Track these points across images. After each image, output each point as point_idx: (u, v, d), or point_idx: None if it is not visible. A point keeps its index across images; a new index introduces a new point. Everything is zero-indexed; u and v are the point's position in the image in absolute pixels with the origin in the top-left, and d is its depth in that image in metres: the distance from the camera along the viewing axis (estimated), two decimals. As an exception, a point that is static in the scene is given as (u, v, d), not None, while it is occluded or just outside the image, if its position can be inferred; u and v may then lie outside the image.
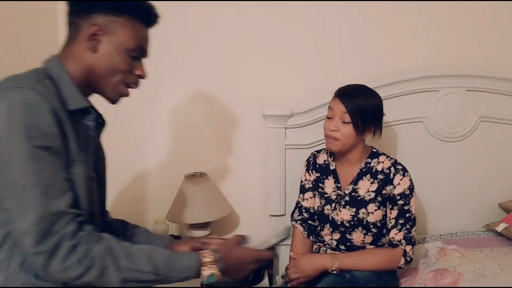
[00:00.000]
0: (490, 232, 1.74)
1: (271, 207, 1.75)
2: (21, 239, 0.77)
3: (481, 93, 1.73)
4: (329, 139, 1.33)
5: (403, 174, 1.33)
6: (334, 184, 1.41)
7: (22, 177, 0.76)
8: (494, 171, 1.78)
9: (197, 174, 1.69)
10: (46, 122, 0.78)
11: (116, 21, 0.90)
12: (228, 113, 1.76)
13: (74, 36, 0.91)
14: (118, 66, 0.92)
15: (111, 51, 0.90)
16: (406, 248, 1.32)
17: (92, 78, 0.92)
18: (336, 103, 1.32)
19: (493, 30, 1.77)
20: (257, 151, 1.78)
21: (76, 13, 0.91)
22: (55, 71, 0.89)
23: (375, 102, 1.33)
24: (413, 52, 1.76)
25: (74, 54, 0.90)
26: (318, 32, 1.72)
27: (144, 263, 0.84)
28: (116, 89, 0.94)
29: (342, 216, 1.37)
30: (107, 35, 0.90)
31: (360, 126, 1.29)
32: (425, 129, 1.74)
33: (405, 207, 1.33)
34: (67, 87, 0.88)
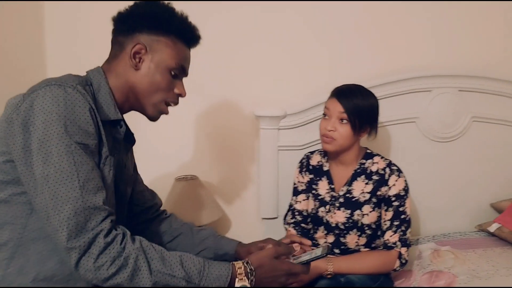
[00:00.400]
0: (483, 232, 1.74)
1: (263, 210, 1.72)
2: (55, 234, 0.75)
3: (474, 93, 1.73)
4: (325, 139, 1.31)
5: (398, 175, 1.32)
6: (328, 186, 1.39)
7: (59, 170, 0.76)
8: (486, 171, 1.79)
9: (187, 176, 1.66)
10: (85, 120, 0.80)
11: (159, 40, 0.93)
12: (220, 114, 1.73)
13: (117, 54, 0.93)
14: (159, 84, 0.94)
15: (153, 69, 0.92)
16: (401, 250, 1.31)
17: (133, 96, 0.94)
18: (333, 103, 1.30)
19: (486, 31, 1.78)
20: (249, 153, 1.75)
21: (121, 32, 0.94)
22: (96, 81, 0.91)
23: (372, 102, 1.32)
24: (405, 52, 1.75)
25: (117, 70, 0.93)
26: (311, 33, 1.70)
27: (177, 268, 0.82)
28: (156, 107, 0.96)
29: (337, 218, 1.35)
30: (150, 53, 0.92)
31: (357, 126, 1.28)
32: (418, 130, 1.73)
33: (400, 209, 1.32)
34: (104, 98, 0.90)
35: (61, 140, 0.76)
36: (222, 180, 1.78)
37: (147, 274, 0.79)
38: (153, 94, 0.94)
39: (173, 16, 0.95)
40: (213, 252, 1.13)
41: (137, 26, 0.92)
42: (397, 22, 1.73)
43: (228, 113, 1.73)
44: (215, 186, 1.77)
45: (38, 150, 0.76)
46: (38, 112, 0.77)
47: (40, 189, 0.76)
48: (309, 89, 1.70)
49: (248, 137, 1.74)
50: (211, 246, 1.13)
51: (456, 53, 1.77)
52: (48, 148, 0.76)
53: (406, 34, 1.74)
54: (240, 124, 1.74)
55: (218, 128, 1.74)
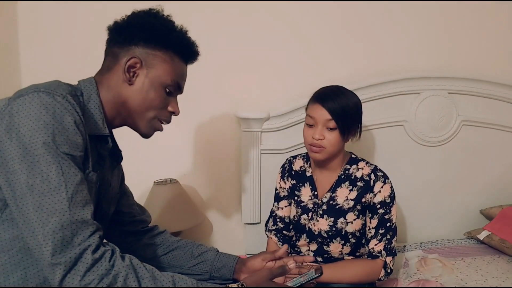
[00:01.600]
0: (472, 239, 1.70)
1: (245, 215, 1.67)
2: (38, 249, 0.70)
3: (464, 96, 1.69)
4: (314, 148, 1.23)
5: (384, 181, 1.26)
6: (311, 192, 1.33)
7: (46, 181, 0.71)
8: (476, 176, 1.74)
9: (167, 180, 1.61)
10: (73, 131, 0.76)
11: (155, 55, 0.89)
12: (201, 115, 1.67)
13: (111, 66, 0.90)
14: (152, 101, 0.91)
15: (147, 85, 0.89)
16: (387, 259, 1.25)
17: (125, 111, 0.91)
18: (318, 109, 1.22)
19: (476, 32, 1.74)
20: (231, 156, 1.70)
21: (116, 43, 0.89)
22: (87, 92, 0.87)
23: (356, 101, 1.24)
24: (393, 53, 1.70)
25: (109, 83, 0.89)
26: (295, 33, 1.65)
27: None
28: (149, 124, 0.94)
29: (320, 226, 1.30)
30: (145, 68, 0.89)
31: (346, 130, 1.21)
32: (406, 133, 1.69)
33: (386, 216, 1.26)
34: (93, 110, 0.86)
35: (48, 150, 0.72)
36: (203, 184, 1.72)
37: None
38: (145, 111, 0.91)
39: (172, 30, 0.92)
40: (210, 265, 1.11)
41: (133, 38, 0.88)
42: (385, 22, 1.68)
43: (209, 114, 1.67)
44: (195, 190, 1.71)
45: (22, 158, 0.71)
46: (24, 118, 0.72)
47: (23, 200, 0.71)
48: (293, 90, 1.65)
49: (230, 139, 1.68)
50: (210, 259, 1.11)
51: (446, 54, 1.72)
52: (35, 157, 0.71)
53: (394, 34, 1.69)
54: (222, 126, 1.68)
55: (199, 130, 1.69)
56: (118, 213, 1.08)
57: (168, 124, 0.97)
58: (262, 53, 1.65)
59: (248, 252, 1.70)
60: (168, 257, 1.12)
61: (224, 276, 1.11)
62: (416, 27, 1.69)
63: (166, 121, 0.97)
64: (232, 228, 1.74)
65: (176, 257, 1.12)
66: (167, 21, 0.92)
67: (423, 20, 1.69)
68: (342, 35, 1.67)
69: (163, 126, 0.97)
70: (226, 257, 1.14)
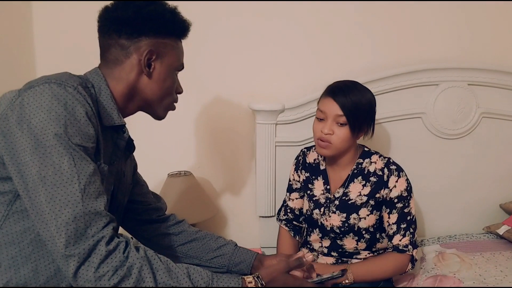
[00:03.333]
0: (491, 234, 1.66)
1: (260, 208, 1.65)
2: (52, 240, 0.70)
3: (484, 87, 1.64)
4: (321, 143, 1.21)
5: (398, 175, 1.23)
6: (324, 186, 1.31)
7: (59, 172, 0.70)
8: (495, 170, 1.70)
9: (181, 172, 1.60)
10: (85, 122, 0.75)
11: (165, 43, 0.90)
12: (215, 108, 1.66)
13: (121, 58, 0.88)
14: (169, 88, 0.93)
15: (163, 75, 0.91)
16: (413, 252, 1.24)
17: (140, 100, 0.92)
18: (329, 103, 1.19)
19: (496, 22, 1.68)
20: (245, 148, 1.69)
21: (124, 35, 0.87)
22: (97, 83, 0.87)
23: (369, 98, 1.21)
24: (410, 43, 1.66)
25: (121, 76, 0.88)
26: (310, 24, 1.62)
27: (184, 281, 0.78)
28: (167, 109, 0.97)
29: (332, 221, 1.27)
30: (159, 59, 0.89)
31: (356, 127, 1.18)
32: (424, 126, 1.65)
33: (405, 210, 1.23)
34: (106, 101, 0.86)
35: (60, 141, 0.71)
36: (217, 176, 1.72)
37: (152, 286, 0.73)
38: (164, 99, 0.94)
39: (175, 16, 0.92)
40: (228, 259, 1.10)
41: (143, 29, 0.87)
42: (403, 12, 1.64)
43: (224, 107, 1.66)
44: (209, 183, 1.71)
45: (34, 149, 0.71)
46: (36, 109, 0.72)
47: (34, 191, 0.71)
48: (308, 82, 1.62)
49: (245, 132, 1.67)
50: (228, 254, 1.11)
51: (466, 44, 1.67)
52: (47, 148, 0.71)
53: (411, 24, 1.65)
54: (237, 119, 1.67)
55: (213, 123, 1.68)
56: (133, 202, 1.09)
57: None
58: (278, 45, 1.62)
59: (262, 246, 1.69)
60: (185, 248, 1.12)
61: (242, 271, 1.10)
62: (435, 17, 1.65)
63: (176, 101, 0.99)
64: (246, 221, 1.73)
65: (193, 249, 1.11)
66: (169, 8, 0.92)
67: (442, 9, 1.64)
68: (359, 26, 1.63)
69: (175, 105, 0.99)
70: (244, 252, 1.13)
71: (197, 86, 1.64)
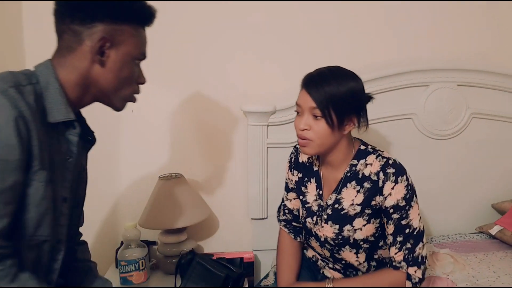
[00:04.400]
0: (484, 234, 1.66)
1: (252, 210, 1.64)
2: None
3: (474, 88, 1.65)
4: (300, 141, 1.09)
5: (395, 181, 1.06)
6: (316, 191, 1.19)
7: None
8: (487, 170, 1.71)
9: (172, 175, 1.58)
10: (7, 131, 0.70)
11: (122, 30, 0.84)
12: (206, 110, 1.65)
13: (73, 46, 0.83)
14: (127, 78, 0.88)
15: (119, 64, 0.85)
16: (409, 270, 1.09)
17: (95, 90, 0.87)
18: (303, 96, 1.07)
19: (485, 22, 1.70)
20: (237, 150, 1.68)
21: (76, 20, 0.81)
22: (44, 77, 0.82)
23: (351, 86, 1.05)
24: (401, 44, 1.67)
25: (74, 64, 0.83)
26: (300, 23, 1.63)
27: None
28: (125, 99, 0.91)
29: (325, 232, 1.16)
30: (115, 46, 0.84)
31: (335, 120, 1.03)
32: (415, 126, 1.66)
33: (403, 222, 1.08)
34: (53, 97, 0.81)
35: None
36: (209, 178, 1.70)
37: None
38: (121, 89, 0.88)
39: (136, 2, 0.86)
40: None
41: (97, 14, 0.81)
42: (392, 13, 1.65)
43: (215, 108, 1.65)
44: (201, 185, 1.69)
45: None
46: None
47: None
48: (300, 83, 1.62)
49: (237, 133, 1.66)
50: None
51: (455, 45, 1.69)
52: None
53: (401, 25, 1.66)
54: (228, 120, 1.66)
55: (204, 124, 1.67)
56: None
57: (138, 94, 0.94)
58: (268, 46, 1.62)
59: (255, 248, 1.67)
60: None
61: None
62: (424, 18, 1.66)
63: (137, 92, 0.93)
64: (239, 223, 1.71)
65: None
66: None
67: (431, 10, 1.66)
68: (349, 27, 1.64)
69: (135, 97, 0.94)
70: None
71: (188, 88, 1.64)
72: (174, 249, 1.53)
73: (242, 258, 1.56)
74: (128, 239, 1.44)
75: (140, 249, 1.45)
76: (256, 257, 1.67)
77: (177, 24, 1.59)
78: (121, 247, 1.46)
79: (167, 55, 1.61)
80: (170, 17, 1.58)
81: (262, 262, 1.69)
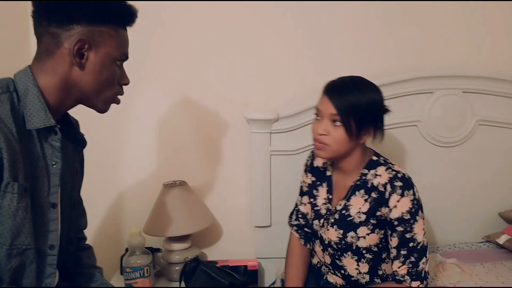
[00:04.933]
0: (491, 243, 1.63)
1: (255, 218, 1.64)
2: None
3: (479, 95, 1.64)
4: (316, 144, 1.12)
5: (402, 194, 1.08)
6: (326, 195, 1.22)
7: None
8: (493, 178, 1.68)
9: (176, 182, 1.59)
10: None
11: (101, 31, 0.83)
12: (209, 117, 1.66)
13: (52, 49, 0.82)
14: (107, 80, 0.86)
15: (99, 66, 0.84)
16: (412, 284, 1.09)
17: (77, 93, 0.86)
18: (324, 102, 1.10)
19: (491, 29, 1.68)
20: (240, 158, 1.68)
21: (53, 22, 0.80)
22: (22, 85, 0.81)
23: (372, 97, 1.10)
24: (405, 51, 1.66)
25: (54, 68, 0.83)
26: (305, 31, 1.63)
27: None
28: (107, 101, 0.90)
29: (329, 235, 1.18)
30: (94, 48, 0.83)
31: (354, 129, 1.07)
32: (420, 134, 1.64)
33: (407, 235, 1.09)
34: (32, 103, 0.81)
35: None
36: (212, 186, 1.71)
37: None
38: (102, 91, 0.87)
39: (114, 2, 0.85)
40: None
41: (75, 16, 0.80)
42: (397, 20, 1.65)
43: (219, 116, 1.66)
44: (205, 192, 1.70)
45: None
46: None
47: None
48: (303, 91, 1.63)
49: (240, 141, 1.66)
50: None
51: (460, 52, 1.67)
52: None
53: (406, 32, 1.65)
54: (231, 128, 1.67)
55: (208, 131, 1.68)
56: None
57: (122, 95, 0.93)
58: (271, 53, 1.63)
59: (258, 256, 1.67)
60: None
61: None
62: (429, 25, 1.66)
63: (120, 93, 0.92)
64: (242, 231, 1.71)
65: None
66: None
67: (436, 17, 1.65)
68: (354, 34, 1.64)
69: (119, 98, 0.93)
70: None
71: (192, 95, 1.66)
72: (178, 256, 1.53)
73: (246, 266, 1.56)
74: (133, 246, 1.45)
75: (145, 256, 1.45)
76: (260, 265, 1.66)
77: (181, 32, 1.61)
78: (126, 254, 1.47)
79: (171, 62, 1.63)
80: (173, 24, 1.60)
81: (266, 270, 1.68)
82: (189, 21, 1.61)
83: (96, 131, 1.52)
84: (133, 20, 0.89)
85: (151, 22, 1.56)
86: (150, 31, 1.57)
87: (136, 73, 1.48)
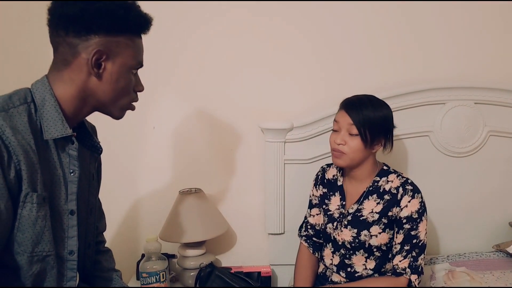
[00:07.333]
0: (501, 253, 1.65)
1: (269, 225, 1.67)
2: None
3: (491, 106, 1.65)
4: (335, 153, 1.26)
5: (412, 196, 1.23)
6: (340, 202, 1.33)
7: None
8: (504, 188, 1.70)
9: (192, 190, 1.63)
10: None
11: (118, 41, 0.84)
12: (225, 126, 1.69)
13: (70, 59, 0.83)
14: (124, 88, 0.88)
15: (116, 75, 0.86)
16: (411, 277, 1.22)
17: (94, 101, 0.88)
18: (342, 115, 1.25)
19: (503, 40, 1.70)
20: (255, 166, 1.71)
21: (72, 33, 0.81)
22: (40, 95, 0.83)
23: (384, 113, 1.25)
24: (418, 63, 1.68)
25: (71, 78, 0.84)
26: (319, 43, 1.66)
27: None
28: (124, 109, 0.92)
29: (343, 236, 1.29)
30: (111, 59, 0.84)
31: (368, 138, 1.21)
32: (432, 144, 1.66)
33: (412, 232, 1.23)
34: (49, 113, 0.82)
35: None
36: (227, 193, 1.74)
37: None
38: (118, 100, 0.89)
39: (129, 11, 0.85)
40: None
41: (93, 27, 0.81)
42: (410, 32, 1.67)
43: (233, 125, 1.69)
44: (220, 200, 1.73)
45: None
46: None
47: None
48: (317, 101, 1.66)
49: (254, 150, 1.69)
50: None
51: (472, 63, 1.69)
52: None
53: (418, 44, 1.67)
54: (246, 137, 1.70)
55: (223, 140, 1.71)
56: None
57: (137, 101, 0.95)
58: (286, 63, 1.66)
59: (272, 263, 1.70)
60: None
61: None
62: (442, 36, 1.67)
63: (135, 100, 0.94)
64: (256, 238, 1.74)
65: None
66: (122, 3, 0.85)
67: (449, 28, 1.67)
68: (368, 45, 1.66)
69: (134, 105, 0.95)
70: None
71: (207, 104, 1.68)
72: (193, 262, 1.57)
73: (259, 272, 1.59)
74: (149, 252, 1.48)
75: (161, 261, 1.48)
76: (273, 272, 1.69)
77: (198, 43, 1.64)
78: (143, 260, 1.50)
79: (187, 73, 1.66)
80: (190, 35, 1.63)
81: (279, 277, 1.71)
82: (207, 32, 1.63)
83: (114, 140, 1.58)
84: (148, 28, 0.90)
85: (169, 33, 1.59)
86: (167, 42, 1.61)
87: (153, 83, 1.53)
